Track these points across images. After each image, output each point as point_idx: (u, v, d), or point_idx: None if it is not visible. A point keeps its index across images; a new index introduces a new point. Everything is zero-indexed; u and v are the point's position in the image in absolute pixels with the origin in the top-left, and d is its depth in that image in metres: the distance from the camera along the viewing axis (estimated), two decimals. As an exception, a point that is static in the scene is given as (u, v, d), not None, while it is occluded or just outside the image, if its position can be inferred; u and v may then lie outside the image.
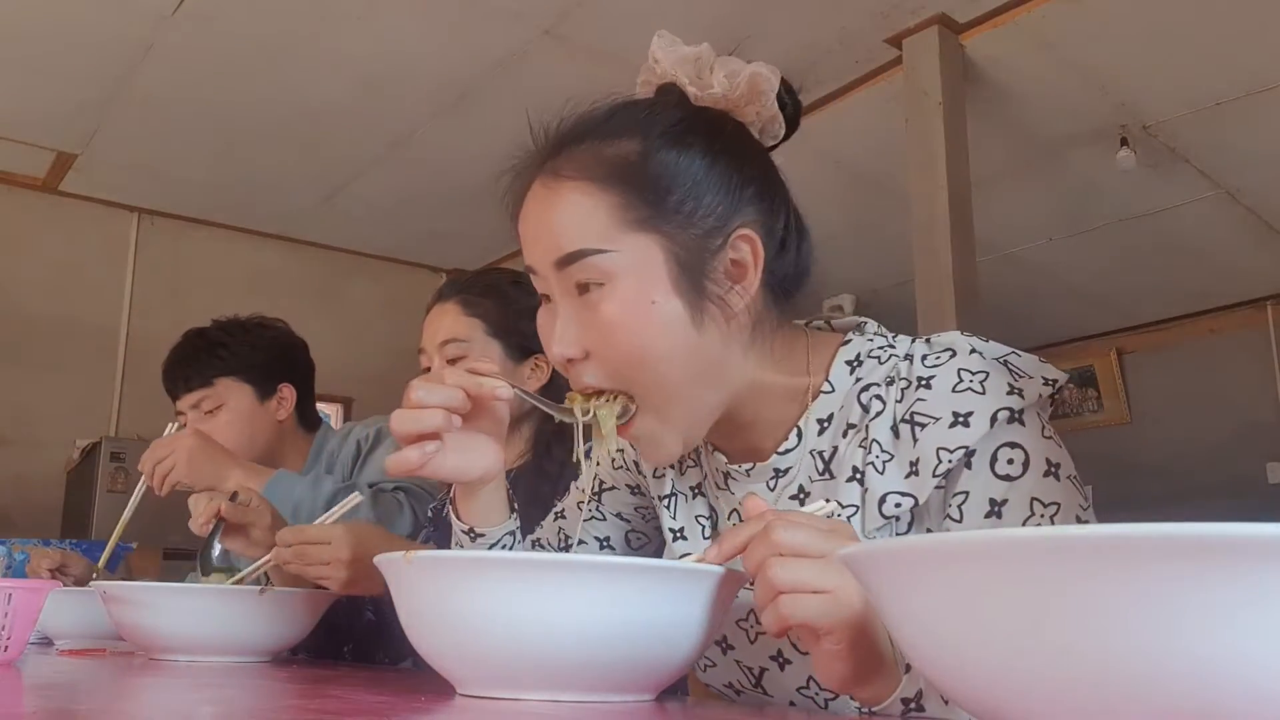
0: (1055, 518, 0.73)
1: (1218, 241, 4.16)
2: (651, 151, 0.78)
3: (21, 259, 4.07)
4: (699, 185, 0.78)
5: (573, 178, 0.78)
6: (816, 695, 0.81)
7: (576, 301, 0.78)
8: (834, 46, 3.06)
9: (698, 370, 0.79)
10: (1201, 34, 2.88)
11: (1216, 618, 0.33)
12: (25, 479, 3.91)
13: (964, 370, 0.77)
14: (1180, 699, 0.35)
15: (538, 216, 0.80)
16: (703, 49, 0.83)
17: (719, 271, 0.78)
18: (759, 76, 0.82)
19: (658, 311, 0.76)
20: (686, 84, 0.82)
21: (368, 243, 4.72)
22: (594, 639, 0.63)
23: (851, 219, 4.06)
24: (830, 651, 0.62)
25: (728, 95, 0.82)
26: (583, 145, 0.79)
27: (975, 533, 0.39)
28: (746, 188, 0.80)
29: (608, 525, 1.02)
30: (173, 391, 1.82)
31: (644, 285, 0.76)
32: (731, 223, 0.78)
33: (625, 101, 0.83)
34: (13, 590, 0.92)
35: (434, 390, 0.81)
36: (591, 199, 0.77)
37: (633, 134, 0.79)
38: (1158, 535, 0.34)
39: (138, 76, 3.28)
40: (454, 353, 1.40)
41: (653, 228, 0.76)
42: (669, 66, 0.83)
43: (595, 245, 0.76)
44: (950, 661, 0.41)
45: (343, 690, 0.81)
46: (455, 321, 1.42)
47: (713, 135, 0.80)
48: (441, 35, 3.05)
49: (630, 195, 0.76)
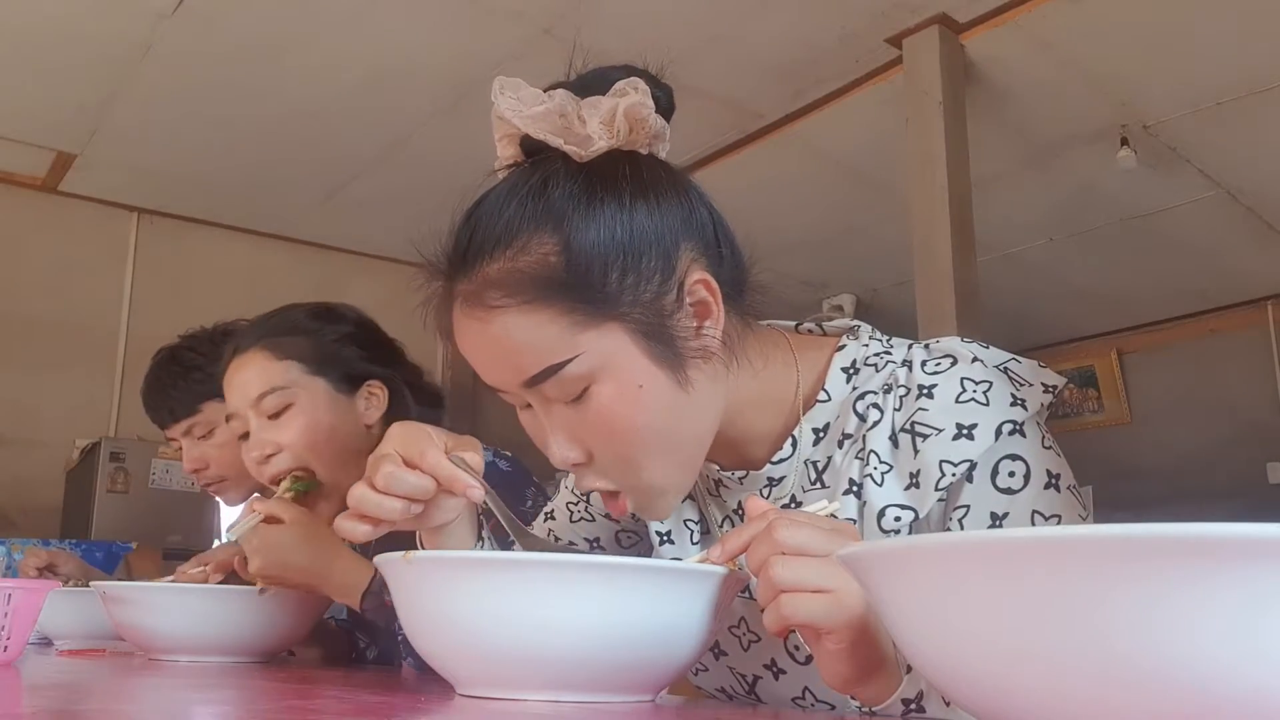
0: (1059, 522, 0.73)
1: (1218, 241, 4.16)
2: (568, 244, 0.71)
3: (21, 259, 4.07)
4: (630, 251, 0.72)
5: (501, 305, 0.71)
6: (812, 706, 0.81)
7: (558, 408, 0.74)
8: (834, 46, 3.06)
9: (693, 431, 0.77)
10: (1202, 34, 2.88)
11: (1217, 618, 0.33)
12: (25, 479, 3.91)
13: (967, 380, 0.76)
14: (1180, 699, 0.35)
15: (482, 349, 0.74)
16: (559, 98, 0.74)
17: (686, 325, 0.74)
18: (632, 108, 0.74)
19: (647, 394, 0.72)
20: (561, 143, 0.74)
21: (368, 243, 4.72)
22: (594, 639, 0.63)
23: (851, 219, 4.06)
24: (832, 651, 0.62)
25: (612, 142, 0.75)
26: (494, 265, 0.72)
27: (975, 533, 0.39)
28: (672, 223, 0.74)
29: (596, 526, 1.00)
30: (159, 422, 1.76)
31: (623, 374, 0.72)
32: (676, 270, 0.73)
33: (512, 189, 0.75)
34: (12, 590, 0.92)
35: (403, 479, 0.76)
36: (532, 318, 0.71)
37: (539, 231, 0.72)
38: (1158, 535, 0.34)
39: (138, 76, 3.28)
40: (276, 404, 1.26)
41: (605, 317, 0.71)
42: (527, 128, 0.75)
43: (558, 358, 0.71)
44: (950, 663, 0.41)
45: (343, 690, 0.81)
46: (266, 370, 1.27)
47: (617, 189, 0.73)
48: (441, 35, 3.04)
49: (567, 300, 0.71)
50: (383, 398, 1.33)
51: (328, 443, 1.27)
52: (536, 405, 0.75)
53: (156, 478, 3.63)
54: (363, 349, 1.34)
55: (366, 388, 1.33)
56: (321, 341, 1.31)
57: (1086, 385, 5.17)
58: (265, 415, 1.26)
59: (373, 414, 1.32)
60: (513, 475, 1.29)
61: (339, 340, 1.33)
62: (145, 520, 3.47)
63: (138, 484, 3.60)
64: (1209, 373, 4.80)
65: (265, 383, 1.26)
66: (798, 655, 0.81)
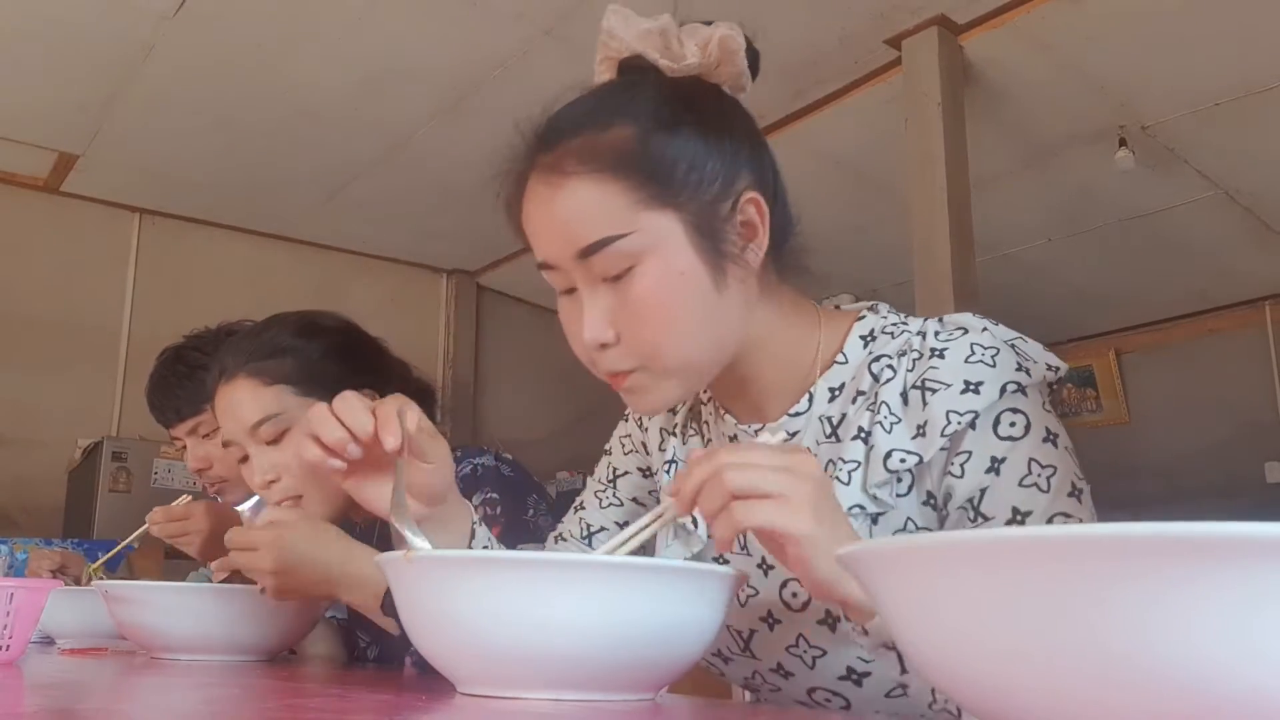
0: (1052, 479, 0.75)
1: (1217, 241, 4.16)
2: (648, 133, 0.79)
3: (23, 259, 4.07)
4: (699, 156, 0.79)
5: (576, 171, 0.78)
6: (805, 654, 0.82)
7: (602, 288, 0.79)
8: (834, 47, 3.06)
9: (718, 334, 0.81)
10: (1201, 34, 2.88)
11: (1215, 617, 0.34)
12: (26, 479, 3.91)
13: (976, 345, 0.80)
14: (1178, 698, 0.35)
15: (547, 214, 0.80)
16: (664, 20, 0.83)
17: (733, 234, 0.80)
18: (727, 38, 0.82)
19: (687, 280, 0.78)
20: (657, 58, 0.82)
21: (368, 243, 4.72)
22: (595, 638, 0.64)
23: (851, 219, 4.06)
24: (797, 558, 0.64)
25: (703, 63, 0.83)
26: (577, 139, 0.79)
27: (975, 533, 0.39)
28: (740, 151, 0.82)
29: (624, 510, 1.04)
30: (164, 422, 1.76)
31: (669, 258, 0.78)
32: (735, 186, 0.80)
33: (604, 89, 0.84)
34: (14, 590, 0.93)
35: (353, 408, 0.82)
36: (601, 188, 0.78)
37: (624, 120, 0.79)
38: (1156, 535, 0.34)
39: (139, 77, 3.28)
40: (273, 431, 1.24)
41: (665, 203, 0.78)
42: (631, 42, 0.83)
43: (615, 231, 0.77)
44: (950, 663, 0.42)
45: (343, 690, 0.81)
46: (257, 398, 1.26)
47: (699, 107, 0.82)
48: (441, 35, 3.05)
49: (637, 177, 0.77)
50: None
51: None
52: (581, 282, 0.80)
53: (158, 477, 3.64)
54: (348, 360, 1.32)
55: (363, 395, 1.32)
56: (308, 361, 1.29)
57: (1085, 385, 5.17)
58: (263, 441, 1.25)
59: None
60: (515, 480, 1.28)
61: (324, 357, 1.31)
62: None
63: (139, 483, 3.60)
64: (1207, 373, 4.80)
65: (259, 411, 1.25)
66: (794, 603, 0.83)
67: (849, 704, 0.82)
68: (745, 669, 0.89)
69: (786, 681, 0.85)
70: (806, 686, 0.84)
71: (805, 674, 0.83)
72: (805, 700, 0.85)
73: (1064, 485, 0.75)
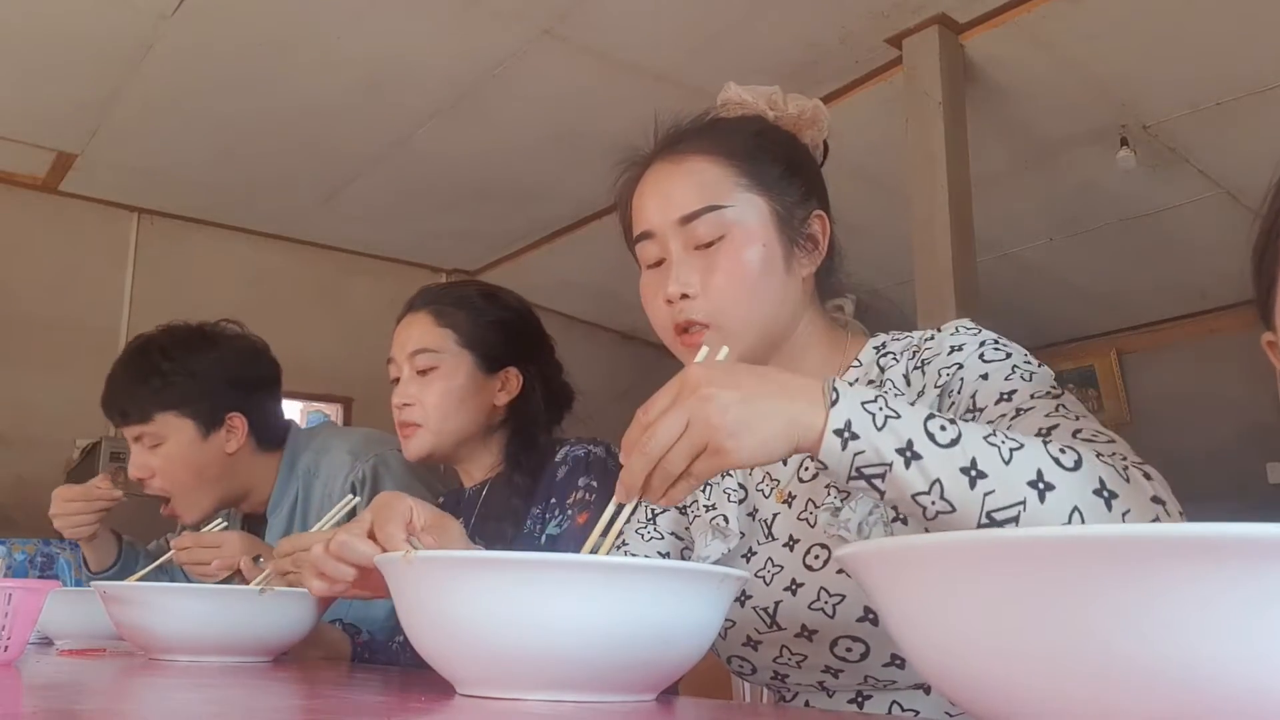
0: (1034, 375, 0.87)
1: (1218, 242, 4.16)
2: (754, 141, 0.99)
3: (21, 259, 4.06)
4: (788, 169, 0.99)
5: (695, 152, 0.98)
6: (826, 604, 0.88)
7: (691, 252, 0.95)
8: (834, 46, 3.06)
9: (779, 310, 0.96)
10: (1202, 34, 2.88)
11: (1216, 617, 0.33)
12: (25, 479, 3.91)
13: (961, 327, 0.95)
14: (1180, 698, 0.35)
15: (664, 184, 0.98)
16: (774, 90, 1.06)
17: (803, 234, 0.99)
18: (818, 108, 1.06)
19: (765, 253, 0.95)
20: (766, 110, 1.05)
21: (368, 243, 4.72)
22: (594, 639, 0.64)
23: (851, 219, 4.03)
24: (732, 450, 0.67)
25: (799, 118, 1.05)
26: (699, 135, 1.00)
27: (975, 533, 0.39)
28: (815, 183, 1.03)
29: (665, 543, 1.10)
30: (110, 418, 1.71)
31: (755, 232, 0.95)
32: (809, 202, 1.00)
33: (724, 114, 1.05)
34: (13, 590, 0.93)
35: (352, 546, 0.84)
36: (713, 166, 0.97)
37: (737, 131, 1.00)
38: (1157, 535, 0.34)
39: (138, 77, 3.28)
40: (425, 363, 1.42)
41: (759, 190, 0.97)
42: (752, 100, 1.05)
43: (718, 202, 0.95)
44: (950, 663, 0.41)
45: (343, 690, 0.81)
46: (427, 332, 1.44)
47: (792, 143, 1.04)
48: (441, 35, 3.04)
49: (742, 165, 0.97)
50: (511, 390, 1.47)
51: (458, 409, 1.42)
52: (676, 247, 0.96)
53: (157, 478, 3.63)
54: (512, 337, 1.48)
55: (503, 373, 1.46)
56: (479, 322, 1.45)
57: (1086, 385, 5.17)
58: (416, 370, 1.42)
59: (499, 402, 1.46)
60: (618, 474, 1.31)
61: (493, 324, 1.47)
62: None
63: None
64: (1209, 373, 4.79)
65: (420, 341, 1.43)
66: (815, 564, 0.91)
67: (868, 649, 0.87)
68: (773, 648, 0.92)
69: (811, 644, 0.89)
70: (830, 640, 0.88)
71: (827, 626, 0.88)
72: (829, 662, 0.89)
73: (1044, 384, 0.86)
